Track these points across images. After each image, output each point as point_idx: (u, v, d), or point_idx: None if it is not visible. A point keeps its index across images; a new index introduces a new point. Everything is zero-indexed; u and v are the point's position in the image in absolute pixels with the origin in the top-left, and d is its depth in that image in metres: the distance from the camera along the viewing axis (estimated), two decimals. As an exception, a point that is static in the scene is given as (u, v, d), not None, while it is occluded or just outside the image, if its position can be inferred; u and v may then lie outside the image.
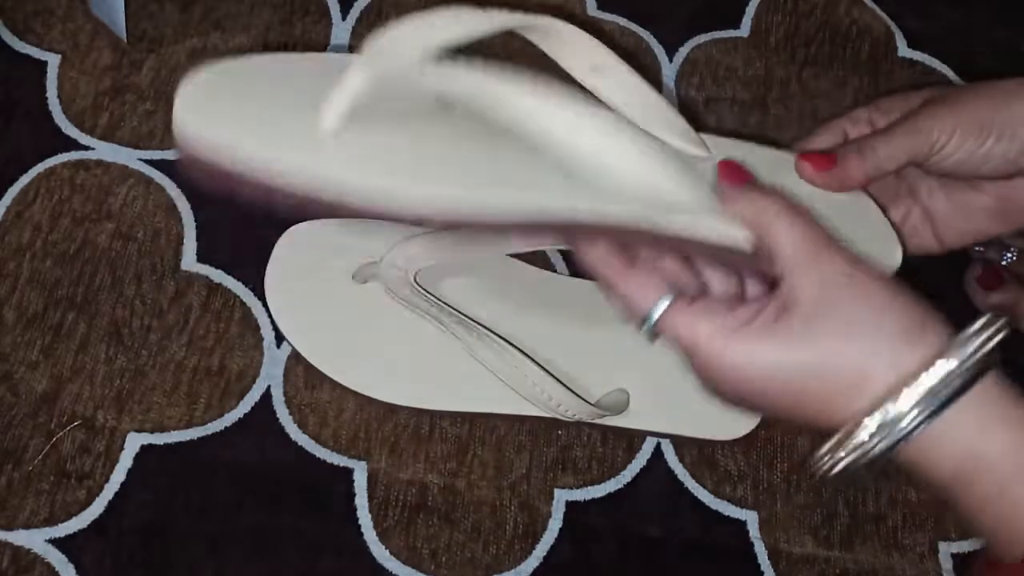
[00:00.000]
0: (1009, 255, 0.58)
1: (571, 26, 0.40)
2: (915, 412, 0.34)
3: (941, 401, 0.34)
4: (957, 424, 0.34)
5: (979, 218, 0.48)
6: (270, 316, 0.52)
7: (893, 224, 0.44)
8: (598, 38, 0.42)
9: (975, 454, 0.34)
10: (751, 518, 0.53)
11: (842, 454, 0.35)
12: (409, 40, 0.35)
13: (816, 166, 0.43)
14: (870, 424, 0.34)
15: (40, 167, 0.55)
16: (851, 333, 0.35)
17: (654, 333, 0.39)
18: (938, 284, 0.49)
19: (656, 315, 0.38)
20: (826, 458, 0.36)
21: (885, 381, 0.34)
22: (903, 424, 0.34)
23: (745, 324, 0.36)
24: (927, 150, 0.43)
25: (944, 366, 0.34)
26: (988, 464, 0.34)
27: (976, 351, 0.34)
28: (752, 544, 0.52)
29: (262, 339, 0.53)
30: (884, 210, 0.45)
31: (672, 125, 0.42)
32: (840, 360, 0.35)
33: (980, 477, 0.34)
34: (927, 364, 0.34)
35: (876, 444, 0.34)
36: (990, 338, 0.34)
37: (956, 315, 0.59)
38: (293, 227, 0.53)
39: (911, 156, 0.43)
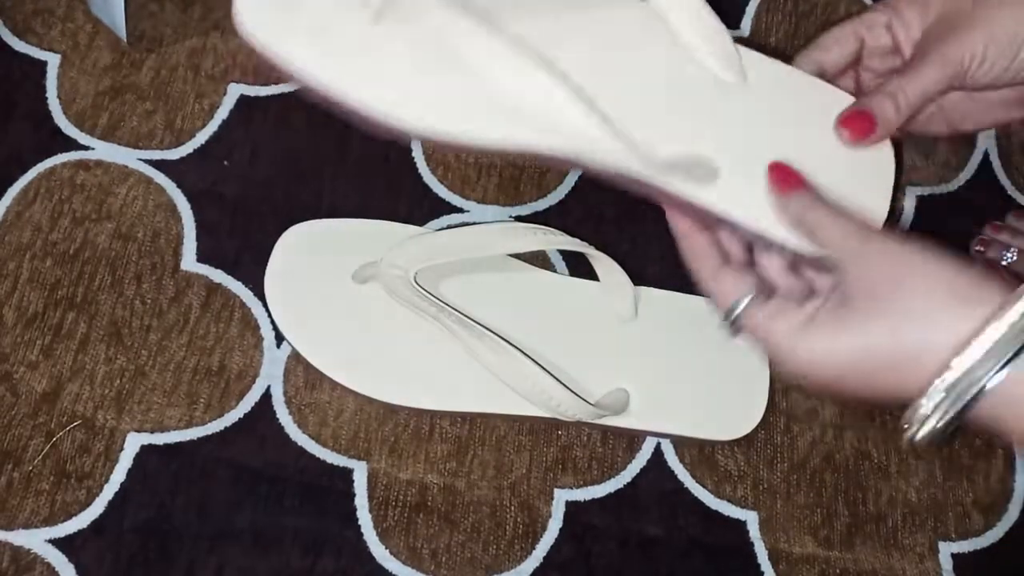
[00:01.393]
0: (1009, 255, 0.58)
1: None
2: (984, 365, 0.34)
3: (1009, 353, 0.34)
4: None
5: (995, 109, 0.47)
6: (270, 316, 0.52)
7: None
8: None
9: None
10: (751, 518, 0.53)
11: (925, 416, 0.36)
12: None
13: (856, 133, 0.43)
14: (942, 384, 0.35)
15: (40, 167, 0.55)
16: (908, 308, 0.36)
17: (735, 328, 0.41)
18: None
19: (738, 310, 0.40)
20: (913, 425, 0.36)
21: (948, 343, 0.35)
22: (975, 377, 0.34)
23: (812, 319, 0.38)
24: (958, 81, 0.43)
25: (1008, 317, 0.34)
26: None
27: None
28: (752, 544, 0.52)
29: (262, 339, 0.53)
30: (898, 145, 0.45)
31: (715, 46, 0.42)
32: (902, 334, 0.36)
33: None
34: (989, 319, 0.34)
35: (952, 402, 0.35)
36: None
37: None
38: (293, 227, 0.53)
39: (942, 88, 0.43)
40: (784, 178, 0.41)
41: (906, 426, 0.37)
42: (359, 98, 0.38)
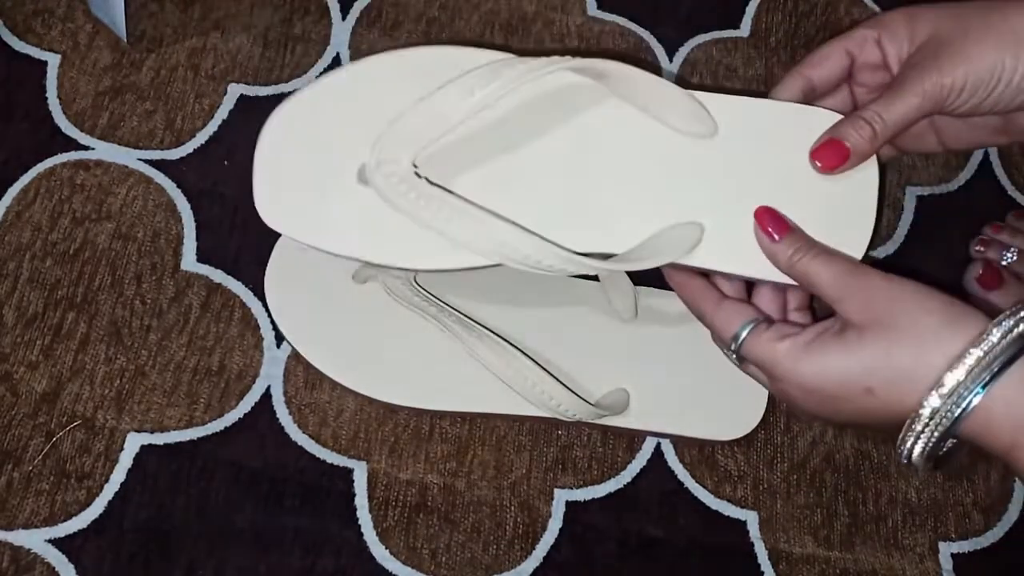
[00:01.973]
0: (1009, 255, 0.58)
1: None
2: (968, 385, 0.37)
3: (991, 372, 0.37)
4: (1009, 395, 0.37)
5: (983, 133, 0.48)
6: (270, 316, 0.52)
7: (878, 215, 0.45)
8: (598, 38, 0.43)
9: None
10: (751, 518, 0.53)
11: (917, 434, 0.38)
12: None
13: (829, 162, 0.44)
14: (931, 401, 0.37)
15: (40, 167, 0.55)
16: (899, 334, 0.38)
17: (740, 356, 0.43)
18: (938, 284, 0.49)
19: (742, 337, 0.43)
20: (907, 443, 0.38)
21: (936, 365, 0.37)
22: (961, 395, 0.37)
23: (813, 340, 0.40)
24: (936, 109, 0.44)
25: (988, 340, 0.37)
26: None
27: (1015, 326, 0.37)
28: (752, 544, 0.52)
29: (262, 339, 0.53)
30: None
31: (680, 108, 0.43)
32: (894, 357, 0.38)
33: None
34: (972, 342, 0.37)
35: (941, 420, 0.37)
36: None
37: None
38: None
39: (921, 116, 0.44)
40: (770, 225, 0.43)
41: (901, 444, 0.39)
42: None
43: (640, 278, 0.54)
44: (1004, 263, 0.58)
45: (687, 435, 0.53)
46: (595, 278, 0.54)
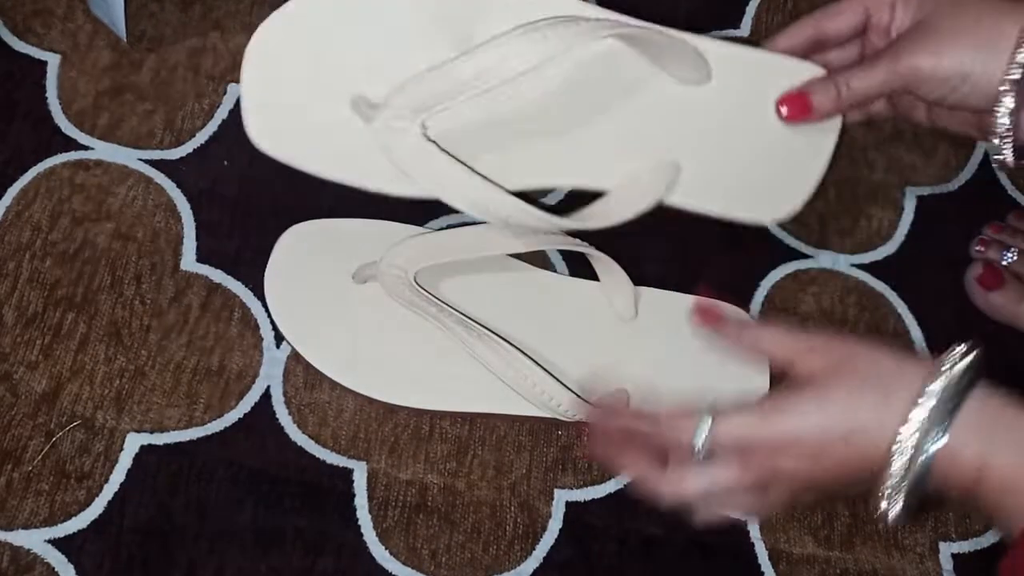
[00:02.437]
0: (1009, 255, 0.58)
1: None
2: (924, 433, 0.37)
3: (943, 417, 0.37)
4: (965, 438, 0.37)
5: (960, 122, 0.49)
6: (270, 316, 0.52)
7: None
8: None
9: (986, 461, 0.37)
10: (751, 518, 0.53)
11: (890, 493, 0.39)
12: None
13: (791, 113, 0.48)
14: (896, 459, 0.38)
15: (40, 167, 0.55)
16: (852, 393, 0.39)
17: (710, 453, 0.41)
18: (938, 284, 0.50)
19: (704, 433, 0.41)
20: (882, 505, 0.39)
21: (892, 418, 0.38)
22: (921, 446, 0.37)
23: (778, 401, 0.40)
24: (904, 90, 0.46)
25: (934, 387, 0.38)
26: (999, 465, 0.37)
27: (952, 369, 0.38)
28: (752, 544, 0.52)
29: (262, 339, 0.53)
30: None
31: (681, 54, 0.47)
32: (853, 412, 0.39)
33: (990, 475, 0.37)
34: (917, 395, 0.38)
35: (907, 473, 0.38)
36: (964, 355, 0.39)
37: (956, 314, 0.59)
38: (293, 227, 0.53)
39: (888, 91, 0.47)
40: (706, 318, 0.45)
41: (877, 508, 0.39)
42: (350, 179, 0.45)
43: (640, 278, 0.54)
44: (1004, 263, 0.58)
45: (687, 435, 0.53)
46: (595, 278, 0.54)
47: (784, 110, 0.47)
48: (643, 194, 0.47)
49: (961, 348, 0.39)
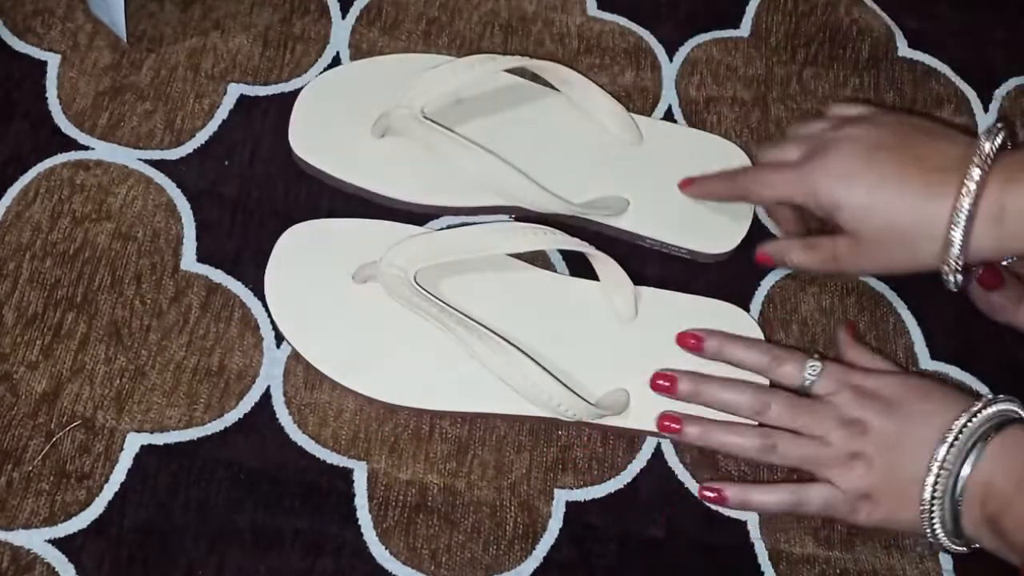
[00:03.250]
0: (1009, 256, 0.58)
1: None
2: (956, 459, 0.46)
3: (970, 447, 0.46)
4: (990, 468, 0.45)
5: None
6: (270, 316, 0.52)
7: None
8: (598, 38, 0.53)
9: (1009, 489, 0.45)
10: (751, 518, 0.53)
11: (926, 523, 0.47)
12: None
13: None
14: (930, 481, 0.47)
15: (40, 167, 0.55)
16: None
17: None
18: (938, 284, 0.49)
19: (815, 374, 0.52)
20: (922, 540, 0.49)
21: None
22: (954, 471, 0.46)
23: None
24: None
25: (964, 419, 0.47)
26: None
27: (983, 410, 0.47)
28: (752, 544, 0.52)
29: (262, 339, 0.53)
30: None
31: (618, 119, 0.58)
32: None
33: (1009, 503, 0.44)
34: (947, 426, 0.47)
35: (941, 495, 0.46)
36: (995, 402, 0.47)
37: (956, 314, 0.59)
38: (293, 227, 0.53)
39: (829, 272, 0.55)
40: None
41: (919, 537, 0.48)
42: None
43: (640, 278, 0.54)
44: (1004, 263, 0.57)
45: (687, 435, 0.53)
46: (595, 278, 0.54)
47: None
48: (606, 205, 0.57)
49: (990, 398, 0.48)
